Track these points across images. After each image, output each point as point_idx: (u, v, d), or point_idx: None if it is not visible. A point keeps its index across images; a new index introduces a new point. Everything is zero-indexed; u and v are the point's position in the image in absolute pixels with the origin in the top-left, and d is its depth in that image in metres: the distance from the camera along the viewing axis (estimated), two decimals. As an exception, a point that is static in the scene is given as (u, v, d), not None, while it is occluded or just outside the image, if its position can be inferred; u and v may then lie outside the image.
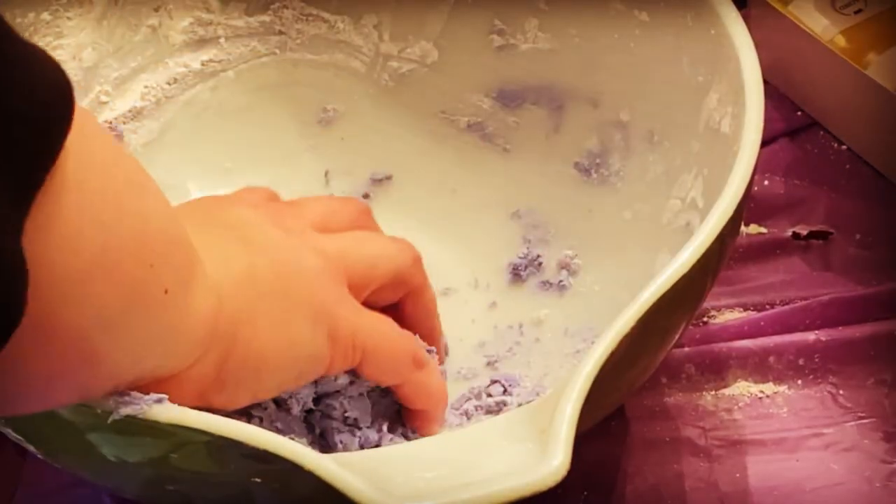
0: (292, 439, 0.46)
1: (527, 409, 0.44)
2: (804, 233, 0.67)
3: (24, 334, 0.33)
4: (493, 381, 0.56)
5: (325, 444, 0.53)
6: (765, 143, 0.50)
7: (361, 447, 0.52)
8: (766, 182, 0.69)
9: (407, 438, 0.54)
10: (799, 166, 0.70)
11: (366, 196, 0.65)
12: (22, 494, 0.57)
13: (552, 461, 0.38)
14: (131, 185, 0.39)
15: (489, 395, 0.55)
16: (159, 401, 0.40)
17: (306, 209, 0.54)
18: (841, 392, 0.60)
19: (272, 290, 0.46)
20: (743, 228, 0.66)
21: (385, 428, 0.53)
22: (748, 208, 0.54)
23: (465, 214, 0.63)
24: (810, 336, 0.61)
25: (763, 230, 0.67)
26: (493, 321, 0.60)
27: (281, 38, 0.64)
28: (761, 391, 0.60)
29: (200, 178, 0.63)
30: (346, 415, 0.52)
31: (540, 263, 0.61)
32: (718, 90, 0.54)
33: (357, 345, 0.49)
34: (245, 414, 0.49)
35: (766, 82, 0.51)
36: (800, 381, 0.60)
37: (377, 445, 0.52)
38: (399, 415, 0.54)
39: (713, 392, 0.60)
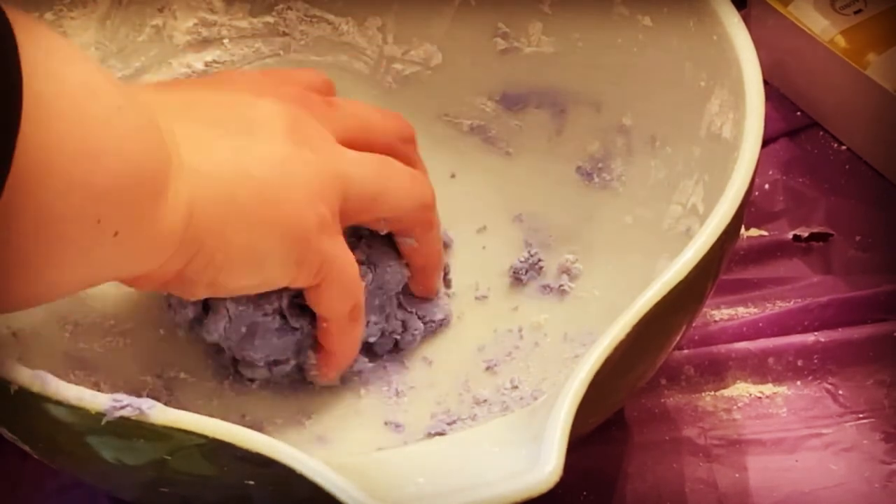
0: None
1: (521, 414, 0.44)
2: (805, 234, 0.67)
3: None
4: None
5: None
6: (765, 143, 0.50)
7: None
8: (766, 185, 0.69)
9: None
10: (799, 166, 0.70)
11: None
12: (23, 495, 0.57)
13: (544, 467, 0.38)
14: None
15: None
16: (153, 405, 0.41)
17: (340, 117, 0.54)
18: (840, 392, 0.60)
19: (252, 212, 0.47)
20: (743, 231, 0.66)
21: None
22: (748, 211, 0.54)
23: (467, 217, 0.63)
24: (809, 337, 0.61)
25: (764, 233, 0.67)
26: (492, 325, 0.59)
27: (285, 39, 0.65)
28: (761, 392, 0.60)
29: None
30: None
31: (541, 267, 0.60)
32: (720, 95, 0.54)
33: (320, 272, 0.51)
34: None
35: (766, 83, 0.52)
36: (799, 382, 0.60)
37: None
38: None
39: (712, 393, 0.60)
